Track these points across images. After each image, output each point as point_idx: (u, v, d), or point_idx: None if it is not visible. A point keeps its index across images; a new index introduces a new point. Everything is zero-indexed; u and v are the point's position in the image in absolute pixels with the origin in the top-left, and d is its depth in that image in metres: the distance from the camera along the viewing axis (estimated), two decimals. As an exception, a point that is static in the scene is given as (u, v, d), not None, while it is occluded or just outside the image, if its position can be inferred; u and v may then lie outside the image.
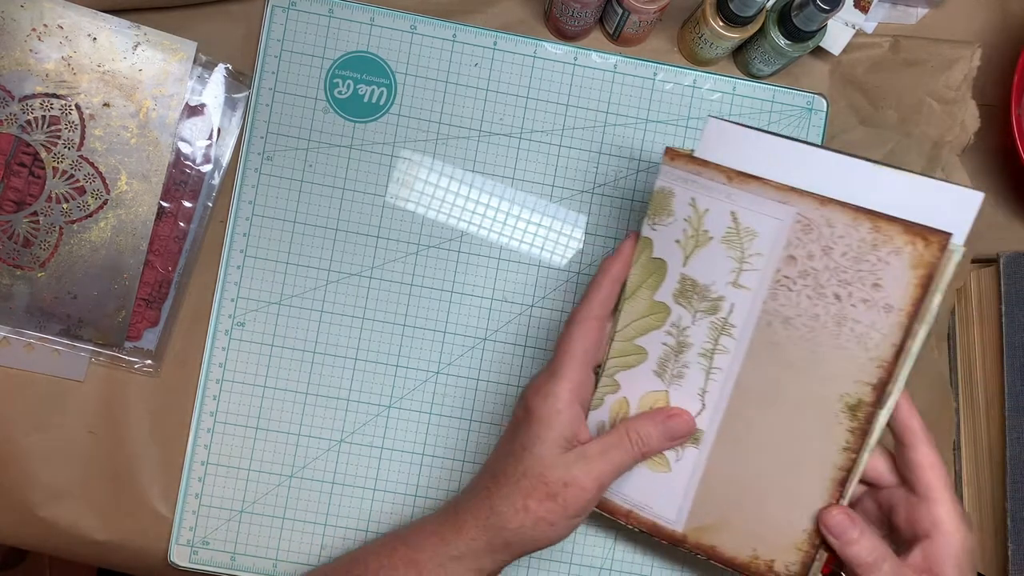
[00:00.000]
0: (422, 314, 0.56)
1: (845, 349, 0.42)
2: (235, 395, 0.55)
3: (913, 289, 0.40)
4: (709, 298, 0.45)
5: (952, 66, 0.56)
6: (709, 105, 0.57)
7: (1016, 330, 0.54)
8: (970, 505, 0.57)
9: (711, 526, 0.47)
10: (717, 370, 0.46)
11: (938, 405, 0.57)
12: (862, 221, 0.41)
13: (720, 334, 0.45)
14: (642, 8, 0.50)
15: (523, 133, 0.56)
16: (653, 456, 0.48)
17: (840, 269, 0.42)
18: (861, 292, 0.41)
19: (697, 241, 0.45)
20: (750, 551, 0.46)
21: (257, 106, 0.55)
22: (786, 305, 0.43)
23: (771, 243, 0.43)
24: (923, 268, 0.40)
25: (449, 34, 0.56)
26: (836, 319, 0.42)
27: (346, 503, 0.55)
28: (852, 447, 0.43)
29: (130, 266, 0.52)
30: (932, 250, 0.39)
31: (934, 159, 0.55)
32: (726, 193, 0.44)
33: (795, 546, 0.45)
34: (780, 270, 0.43)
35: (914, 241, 0.40)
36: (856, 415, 0.42)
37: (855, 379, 0.42)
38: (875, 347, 0.41)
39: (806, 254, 0.42)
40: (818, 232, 0.42)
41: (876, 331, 0.41)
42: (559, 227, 0.57)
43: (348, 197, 0.55)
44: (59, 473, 0.53)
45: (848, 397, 0.42)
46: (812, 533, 0.45)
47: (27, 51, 0.50)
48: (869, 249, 0.41)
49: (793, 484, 0.45)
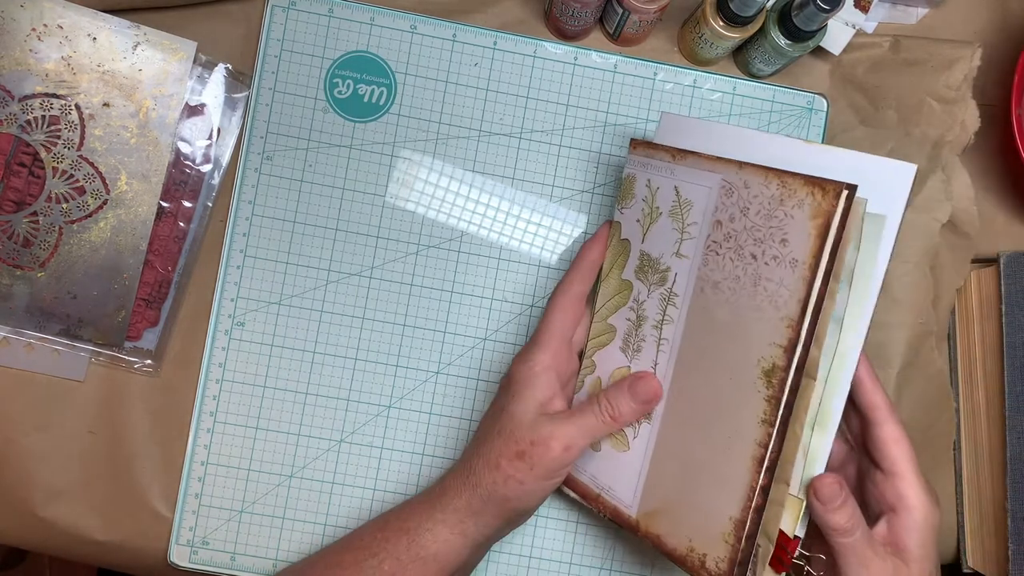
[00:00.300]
0: (422, 314, 0.56)
1: (761, 310, 0.41)
2: (235, 395, 0.54)
3: (813, 240, 0.39)
4: (659, 270, 0.47)
5: (952, 66, 0.56)
6: (709, 105, 0.57)
7: (1016, 330, 0.54)
8: (970, 505, 0.57)
9: (656, 511, 0.46)
10: (665, 341, 0.46)
11: (938, 405, 0.57)
12: (771, 179, 0.41)
13: (667, 304, 0.46)
14: (642, 8, 0.50)
15: (523, 133, 0.56)
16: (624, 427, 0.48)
17: (755, 228, 0.42)
18: (772, 249, 0.41)
19: (652, 218, 0.47)
20: (687, 542, 0.44)
21: (257, 106, 0.55)
22: (715, 269, 0.44)
23: (703, 210, 0.44)
24: (821, 217, 0.39)
25: (449, 34, 0.56)
26: (753, 279, 0.42)
27: (346, 503, 0.55)
28: (769, 419, 0.41)
29: (130, 266, 0.52)
30: (828, 199, 0.39)
31: (934, 159, 0.55)
32: (671, 170, 0.46)
33: (723, 537, 0.42)
34: (710, 235, 0.44)
35: (813, 192, 0.39)
36: (771, 381, 0.41)
37: (769, 341, 0.41)
38: (784, 305, 0.40)
39: (728, 217, 0.43)
40: (737, 195, 0.43)
41: (784, 288, 0.40)
42: (559, 227, 0.57)
43: (348, 197, 0.55)
44: (59, 473, 0.53)
45: (764, 361, 0.41)
46: (738, 522, 0.42)
47: (27, 51, 0.50)
48: (777, 205, 0.41)
49: (722, 463, 0.43)
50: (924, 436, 0.57)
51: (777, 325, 0.41)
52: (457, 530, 0.46)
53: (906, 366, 0.56)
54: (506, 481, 0.45)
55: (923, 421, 0.57)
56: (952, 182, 0.55)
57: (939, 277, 0.56)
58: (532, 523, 0.56)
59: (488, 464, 0.45)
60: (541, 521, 0.56)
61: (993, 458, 0.56)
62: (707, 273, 0.44)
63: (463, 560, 0.46)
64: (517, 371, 0.47)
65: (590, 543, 0.56)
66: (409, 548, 0.45)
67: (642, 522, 0.46)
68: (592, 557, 0.56)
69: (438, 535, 0.45)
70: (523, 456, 0.45)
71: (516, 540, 0.56)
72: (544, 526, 0.56)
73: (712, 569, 0.43)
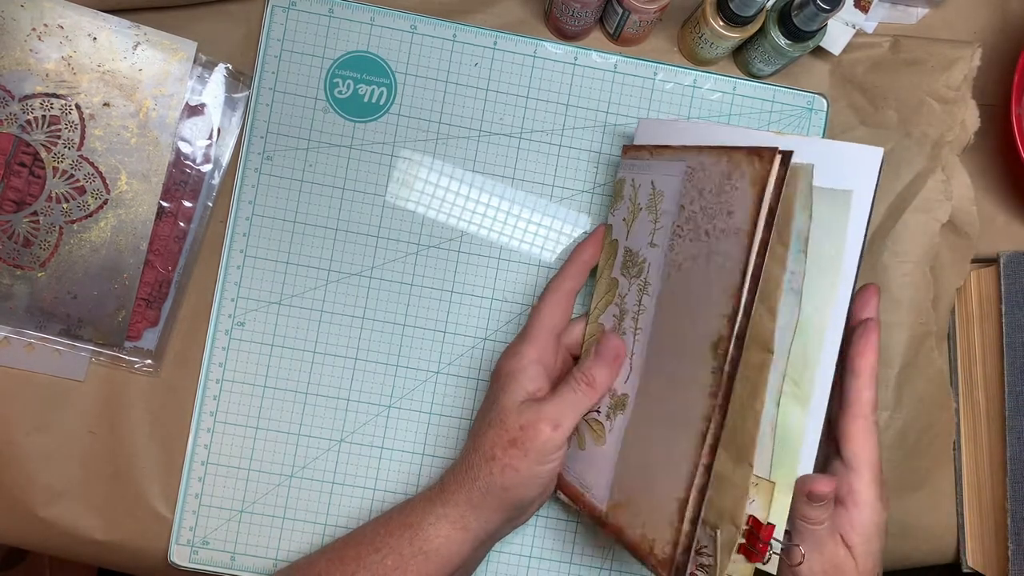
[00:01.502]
0: (422, 314, 0.56)
1: (711, 284, 0.41)
2: (235, 395, 0.55)
3: (752, 206, 0.39)
4: (637, 263, 0.47)
5: (952, 66, 0.56)
6: (709, 105, 0.57)
7: (1016, 330, 0.54)
8: (970, 505, 0.57)
9: (619, 504, 0.45)
10: (640, 331, 0.46)
11: (938, 405, 0.57)
12: (721, 156, 0.42)
13: (642, 294, 0.47)
14: (642, 8, 0.50)
15: (523, 133, 0.56)
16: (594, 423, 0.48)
17: (708, 206, 0.42)
18: (721, 223, 0.41)
19: (634, 215, 0.48)
20: (640, 530, 0.42)
21: (257, 106, 0.55)
22: (679, 253, 0.44)
23: (671, 198, 0.45)
24: (759, 184, 0.39)
25: (449, 34, 0.56)
26: (707, 255, 0.42)
27: (346, 503, 0.55)
28: (713, 391, 0.40)
29: (130, 266, 0.52)
30: (764, 164, 0.39)
31: (934, 159, 0.55)
32: (648, 166, 0.48)
33: (668, 520, 0.41)
34: (675, 221, 0.45)
35: (752, 161, 0.40)
36: (717, 352, 0.40)
37: (717, 314, 0.40)
38: (728, 275, 0.40)
39: (689, 200, 0.44)
40: (696, 177, 0.44)
41: (729, 259, 0.40)
42: (559, 227, 0.57)
43: (348, 197, 0.55)
44: (59, 473, 0.53)
45: (712, 334, 0.40)
46: (682, 502, 0.40)
47: (27, 51, 0.50)
48: (726, 179, 0.41)
49: (674, 445, 0.41)
50: (924, 436, 0.57)
51: (721, 296, 0.40)
52: (459, 524, 0.46)
53: (906, 366, 0.56)
54: (503, 470, 0.45)
55: (923, 421, 0.57)
56: (952, 182, 0.55)
57: (939, 277, 0.56)
58: (532, 523, 0.56)
59: (484, 456, 0.46)
60: (541, 521, 0.56)
61: (993, 458, 0.56)
62: (672, 257, 0.45)
63: (465, 556, 0.46)
64: (505, 364, 0.49)
65: (590, 543, 0.56)
66: (412, 543, 0.46)
67: (609, 515, 0.46)
68: (592, 557, 0.56)
69: (440, 530, 0.46)
70: (516, 443, 0.45)
71: (516, 540, 0.56)
72: (544, 526, 0.56)
73: (658, 554, 0.41)
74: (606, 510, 0.46)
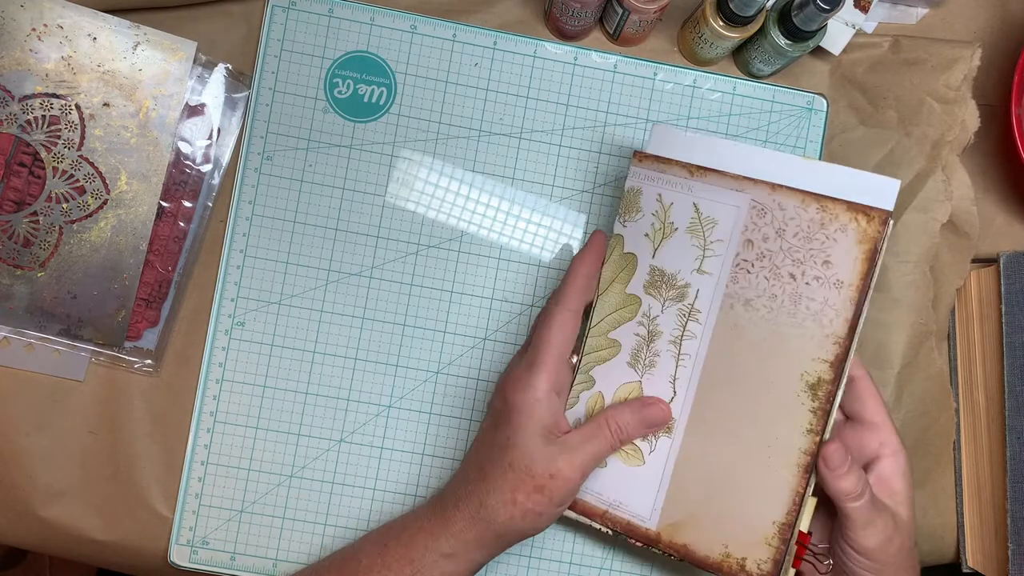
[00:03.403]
0: (422, 314, 0.56)
1: (802, 327, 0.44)
2: (235, 395, 0.55)
3: (861, 264, 0.42)
4: (676, 286, 0.47)
5: (952, 66, 0.56)
6: (709, 105, 0.57)
7: (1016, 330, 0.54)
8: (970, 505, 0.57)
9: (682, 523, 0.47)
10: (686, 356, 0.47)
11: (938, 405, 0.57)
12: (810, 203, 0.44)
13: (688, 320, 0.47)
14: (642, 8, 0.50)
15: (523, 133, 0.56)
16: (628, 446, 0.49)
17: (793, 249, 0.44)
18: (813, 270, 0.44)
19: (664, 233, 0.48)
20: (722, 548, 0.46)
21: (257, 106, 0.55)
22: (746, 287, 0.45)
23: (730, 229, 0.46)
24: (868, 243, 0.42)
25: (449, 34, 0.56)
26: (792, 298, 0.44)
27: (346, 503, 0.55)
28: (816, 429, 0.44)
29: (130, 266, 0.52)
30: (875, 225, 0.42)
31: (934, 159, 0.55)
32: (688, 186, 0.47)
33: (765, 541, 0.45)
34: (739, 254, 0.46)
35: (857, 218, 0.42)
36: (816, 394, 0.43)
37: (813, 357, 0.43)
38: (829, 323, 0.43)
39: (762, 237, 0.45)
40: (771, 215, 0.45)
41: (830, 307, 0.43)
42: (559, 227, 0.57)
43: (348, 197, 0.55)
44: (59, 473, 0.53)
45: (808, 376, 0.44)
46: (783, 526, 0.44)
47: (27, 51, 0.50)
48: (818, 228, 0.43)
49: (761, 473, 0.45)
50: (924, 436, 0.57)
51: (823, 342, 0.43)
52: (463, 560, 0.45)
53: (906, 366, 0.56)
54: (524, 516, 0.44)
55: (923, 421, 0.57)
56: (952, 182, 0.55)
57: (939, 277, 0.56)
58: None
59: (503, 500, 0.44)
60: (541, 521, 0.56)
61: (993, 458, 0.56)
62: (737, 290, 0.46)
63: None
64: (517, 399, 0.46)
65: (590, 543, 0.56)
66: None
67: (664, 533, 0.47)
68: (592, 556, 0.56)
69: (444, 567, 0.45)
70: (542, 490, 0.44)
71: (516, 540, 0.56)
72: (544, 526, 0.56)
73: (753, 571, 0.45)
74: (659, 528, 0.47)
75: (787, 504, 0.44)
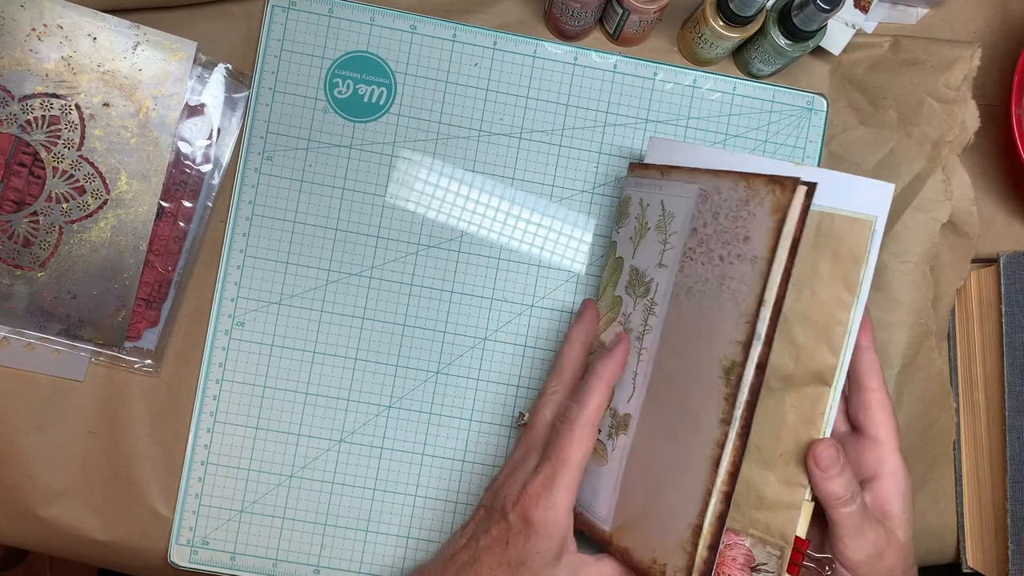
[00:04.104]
0: (422, 314, 0.56)
1: (723, 308, 0.41)
2: (235, 395, 0.55)
3: (771, 234, 0.40)
4: (644, 282, 0.47)
5: (952, 66, 0.56)
6: (709, 105, 0.57)
7: (1016, 330, 0.54)
8: (970, 505, 0.57)
9: (626, 525, 0.44)
10: (645, 351, 0.46)
11: (938, 405, 0.57)
12: (739, 181, 0.42)
13: (648, 315, 0.46)
14: (642, 8, 0.50)
15: (523, 133, 0.56)
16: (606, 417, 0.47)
17: (723, 231, 0.42)
18: (736, 248, 0.41)
19: (641, 233, 0.48)
20: (651, 554, 0.42)
21: (257, 106, 0.55)
22: (689, 276, 0.44)
23: (682, 220, 0.45)
24: (779, 212, 0.39)
25: (449, 34, 0.56)
26: (719, 279, 0.42)
27: (346, 503, 0.55)
28: (725, 417, 0.40)
29: (130, 266, 0.52)
30: (786, 193, 0.39)
31: (934, 159, 0.55)
32: (659, 186, 0.47)
33: (681, 545, 0.40)
34: (687, 243, 0.44)
35: (773, 189, 0.40)
36: (729, 379, 0.40)
37: (729, 339, 0.40)
38: (743, 301, 0.40)
39: (702, 223, 0.44)
40: (711, 200, 0.43)
41: (744, 284, 0.40)
42: (559, 227, 0.57)
43: (348, 197, 0.55)
44: (59, 473, 0.53)
45: (724, 360, 0.40)
46: (695, 527, 0.40)
47: (27, 51, 0.50)
48: (743, 205, 0.41)
49: (683, 469, 0.41)
50: (924, 436, 0.57)
51: (737, 322, 0.40)
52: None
53: (906, 366, 0.56)
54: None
55: (923, 421, 0.57)
56: (952, 182, 0.55)
57: (939, 277, 0.56)
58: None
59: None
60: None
61: (993, 458, 0.56)
62: (682, 279, 0.44)
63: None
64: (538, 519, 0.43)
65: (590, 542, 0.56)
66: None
67: (614, 536, 0.45)
68: (592, 557, 0.56)
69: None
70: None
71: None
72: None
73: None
74: (611, 531, 0.45)
75: (698, 503, 0.40)
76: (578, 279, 0.56)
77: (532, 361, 0.56)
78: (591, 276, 0.56)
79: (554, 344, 0.56)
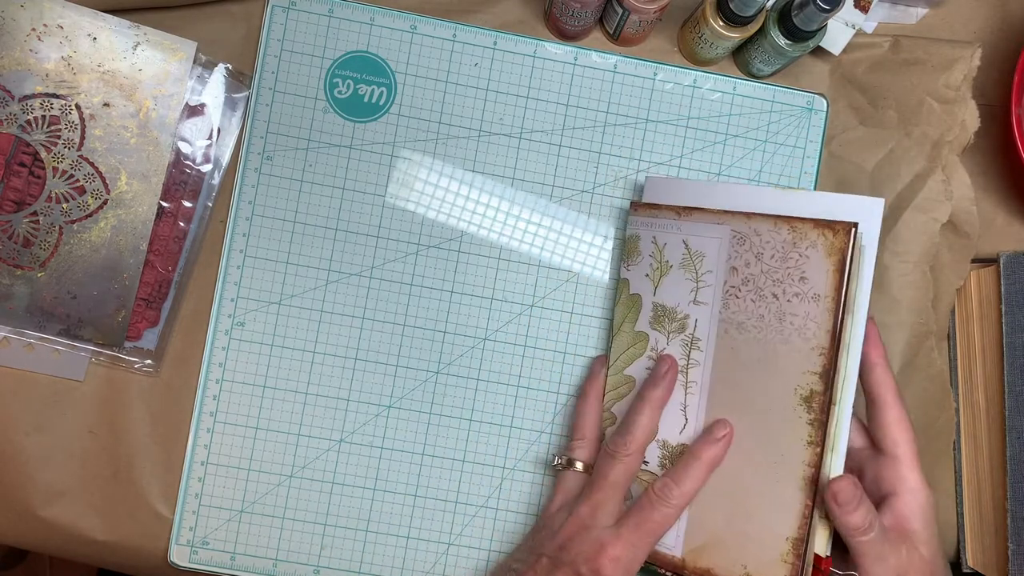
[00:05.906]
0: (422, 314, 0.56)
1: (790, 343, 0.46)
2: (235, 395, 0.55)
3: (832, 276, 0.45)
4: (677, 318, 0.50)
5: (952, 66, 0.56)
6: (709, 105, 0.57)
7: (1016, 330, 0.54)
8: (970, 505, 0.57)
9: (704, 546, 0.48)
10: (693, 383, 0.49)
11: (938, 405, 0.57)
12: (781, 225, 0.46)
13: (690, 349, 0.49)
14: (642, 8, 0.50)
15: (523, 133, 0.56)
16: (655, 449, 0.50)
17: (772, 270, 0.47)
18: (793, 287, 0.46)
19: (662, 271, 0.51)
20: (741, 569, 0.47)
21: (257, 106, 0.55)
22: (737, 311, 0.48)
23: (716, 259, 0.49)
24: (836, 255, 0.44)
25: (449, 34, 0.56)
26: (778, 316, 0.46)
27: (346, 503, 0.55)
28: (815, 440, 0.45)
29: (130, 266, 0.52)
30: (840, 237, 0.44)
31: (934, 159, 0.55)
32: (677, 226, 0.51)
33: (781, 558, 0.45)
34: (727, 281, 0.48)
35: (824, 233, 0.45)
36: (811, 406, 0.45)
37: (803, 370, 0.45)
38: (813, 336, 0.45)
39: (744, 263, 0.48)
40: (749, 242, 0.48)
41: (811, 321, 0.45)
42: (559, 227, 0.57)
43: (348, 197, 0.55)
44: (59, 473, 0.53)
45: (801, 389, 0.45)
46: (796, 541, 0.45)
47: (27, 51, 0.50)
48: (791, 247, 0.46)
49: (771, 490, 0.46)
50: (924, 436, 0.57)
51: (809, 355, 0.45)
52: None
53: (906, 366, 0.56)
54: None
55: (923, 421, 0.57)
56: (952, 182, 0.55)
57: (939, 277, 0.56)
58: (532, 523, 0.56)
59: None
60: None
61: (993, 458, 0.56)
62: (729, 316, 0.48)
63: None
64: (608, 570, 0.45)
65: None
66: None
67: (688, 559, 0.48)
68: None
69: None
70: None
71: (516, 540, 0.56)
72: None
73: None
74: (683, 555, 0.49)
75: (798, 518, 0.45)
76: (578, 279, 0.56)
77: (532, 361, 0.56)
78: (591, 277, 0.56)
79: (554, 344, 0.56)
